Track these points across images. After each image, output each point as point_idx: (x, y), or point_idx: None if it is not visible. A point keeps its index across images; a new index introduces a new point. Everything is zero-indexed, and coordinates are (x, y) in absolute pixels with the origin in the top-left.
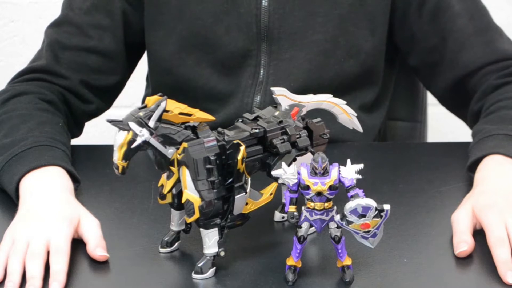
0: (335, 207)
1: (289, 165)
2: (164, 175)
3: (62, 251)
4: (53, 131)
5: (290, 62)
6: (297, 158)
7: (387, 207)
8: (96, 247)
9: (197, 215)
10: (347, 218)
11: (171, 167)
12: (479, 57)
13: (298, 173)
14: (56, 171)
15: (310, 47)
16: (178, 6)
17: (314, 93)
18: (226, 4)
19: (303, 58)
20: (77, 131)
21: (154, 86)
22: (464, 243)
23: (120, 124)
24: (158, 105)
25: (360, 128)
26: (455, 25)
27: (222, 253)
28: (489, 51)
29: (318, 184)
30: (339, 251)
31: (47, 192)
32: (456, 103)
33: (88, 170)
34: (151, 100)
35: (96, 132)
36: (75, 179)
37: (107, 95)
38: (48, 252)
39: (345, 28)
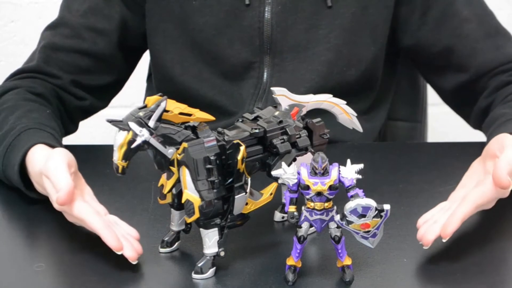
0: (335, 207)
1: (289, 165)
2: (164, 175)
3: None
4: (40, 117)
5: (293, 74)
6: (297, 158)
7: (387, 207)
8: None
9: (197, 215)
10: (347, 218)
11: (171, 167)
12: (489, 61)
13: (298, 173)
14: (45, 147)
15: (313, 59)
16: (181, 16)
17: None
18: (229, 17)
19: (305, 69)
20: (73, 127)
21: (157, 91)
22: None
23: (120, 124)
24: (158, 105)
25: (360, 128)
26: (464, 30)
27: (222, 253)
28: (499, 55)
29: (318, 184)
30: (339, 251)
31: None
32: (461, 102)
33: (88, 170)
34: (151, 100)
35: (96, 132)
36: None
37: (101, 94)
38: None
39: (348, 38)
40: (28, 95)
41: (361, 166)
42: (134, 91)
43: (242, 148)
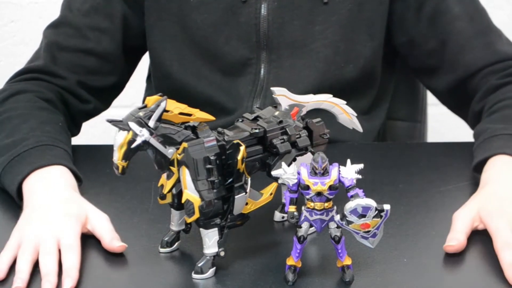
0: (335, 207)
1: (289, 165)
2: (164, 175)
3: (73, 248)
4: (54, 131)
5: (290, 70)
6: (297, 158)
7: (387, 207)
8: (112, 240)
9: (197, 215)
10: (347, 218)
11: (171, 167)
12: (479, 59)
13: (298, 173)
14: (59, 170)
15: (310, 55)
16: (179, 14)
17: None
18: (226, 14)
19: (303, 66)
20: (75, 130)
21: (156, 89)
22: (455, 240)
23: (120, 124)
24: (158, 105)
25: (360, 128)
26: (455, 28)
27: (222, 253)
28: (490, 52)
29: (318, 184)
30: (339, 251)
31: (51, 190)
32: (457, 103)
33: (88, 170)
34: (151, 100)
35: (96, 132)
36: (77, 178)
37: (105, 95)
38: (59, 250)
39: (344, 34)
40: (39, 102)
41: (361, 166)
42: (134, 91)
43: (242, 148)
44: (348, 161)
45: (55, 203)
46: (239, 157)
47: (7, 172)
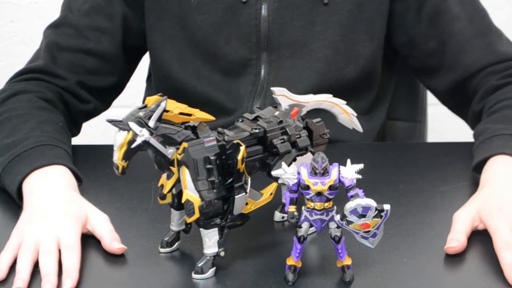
0: (335, 207)
1: (289, 165)
2: (164, 175)
3: (73, 248)
4: (53, 131)
5: (291, 71)
6: (297, 158)
7: (387, 207)
8: (112, 241)
9: (197, 215)
10: (347, 218)
11: (171, 167)
12: (479, 59)
13: (298, 173)
14: (59, 169)
15: (310, 55)
16: (179, 14)
17: None
18: (226, 15)
19: (303, 66)
20: (75, 131)
21: (156, 89)
22: (455, 241)
23: (120, 124)
24: (158, 105)
25: (360, 128)
26: (454, 28)
27: (222, 253)
28: (490, 53)
29: (318, 184)
30: (339, 251)
31: (51, 190)
32: (457, 104)
33: (88, 170)
34: (151, 100)
35: (96, 132)
36: (77, 178)
37: (105, 96)
38: (59, 250)
39: (344, 35)
40: (39, 102)
41: (361, 166)
42: (134, 91)
43: (242, 148)
44: (348, 161)
45: (55, 203)
46: (239, 157)
47: (7, 172)
